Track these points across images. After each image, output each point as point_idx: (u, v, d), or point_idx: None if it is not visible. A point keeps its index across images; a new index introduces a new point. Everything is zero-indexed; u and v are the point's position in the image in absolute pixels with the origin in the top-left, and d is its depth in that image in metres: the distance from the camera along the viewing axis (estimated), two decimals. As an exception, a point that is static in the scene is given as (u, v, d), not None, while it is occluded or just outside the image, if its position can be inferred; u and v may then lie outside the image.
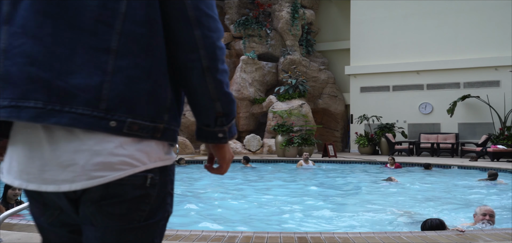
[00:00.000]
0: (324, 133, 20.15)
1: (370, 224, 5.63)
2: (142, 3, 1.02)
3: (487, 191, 8.28)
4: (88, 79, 0.97)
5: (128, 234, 1.05)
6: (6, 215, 3.35)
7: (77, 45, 0.98)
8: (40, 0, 1.00)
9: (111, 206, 1.02)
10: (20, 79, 0.98)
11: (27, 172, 1.02)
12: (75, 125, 0.96)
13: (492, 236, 3.62)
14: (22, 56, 0.99)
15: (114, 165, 0.99)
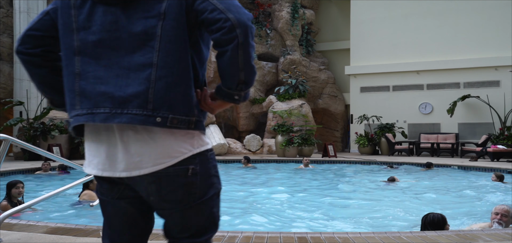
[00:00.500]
0: (324, 133, 20.15)
1: (370, 224, 5.63)
2: (173, 26, 1.34)
3: (489, 191, 8.28)
4: (138, 88, 1.32)
5: (195, 211, 1.42)
6: (6, 215, 3.35)
7: (130, 64, 1.34)
8: (102, 37, 1.37)
9: (168, 191, 1.38)
10: (93, 94, 1.36)
11: (103, 163, 1.39)
12: (132, 122, 1.31)
13: (492, 236, 3.61)
14: (93, 78, 1.36)
15: (165, 154, 1.34)
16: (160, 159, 1.34)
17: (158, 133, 1.34)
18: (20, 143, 3.47)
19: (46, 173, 10.10)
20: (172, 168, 1.35)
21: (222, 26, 1.30)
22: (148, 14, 1.35)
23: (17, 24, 14.73)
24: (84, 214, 5.94)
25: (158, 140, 1.34)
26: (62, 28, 1.43)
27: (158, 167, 1.34)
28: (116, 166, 1.37)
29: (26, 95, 14.37)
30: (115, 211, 1.49)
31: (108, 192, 1.47)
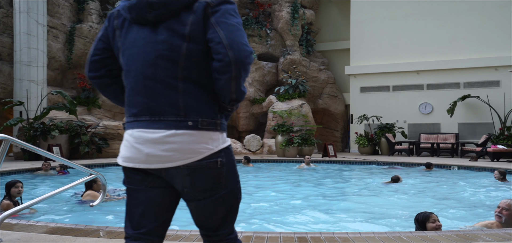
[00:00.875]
0: (324, 133, 20.14)
1: (370, 224, 5.63)
2: (196, 46, 1.59)
3: (491, 190, 8.27)
4: (169, 98, 1.59)
5: (220, 202, 1.66)
6: (6, 215, 3.34)
7: (159, 78, 1.60)
8: (133, 52, 1.64)
9: (201, 180, 1.62)
10: (135, 105, 1.65)
11: (133, 158, 1.64)
12: (168, 128, 1.58)
13: (492, 236, 3.61)
14: (133, 89, 1.65)
15: (196, 150, 1.58)
16: (192, 154, 1.58)
17: (190, 133, 1.59)
18: (20, 143, 3.47)
19: (47, 173, 10.10)
20: (205, 161, 1.60)
21: (222, 59, 1.54)
22: (174, 36, 1.59)
23: (17, 24, 14.72)
24: (84, 214, 5.94)
25: (190, 140, 1.59)
26: (114, 48, 1.73)
27: (190, 160, 1.58)
28: (149, 159, 1.63)
29: (26, 95, 14.37)
30: (145, 199, 1.68)
31: (141, 182, 1.68)
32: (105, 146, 14.70)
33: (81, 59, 17.67)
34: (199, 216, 1.71)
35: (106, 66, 1.76)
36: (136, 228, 1.68)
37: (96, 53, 1.76)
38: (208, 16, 1.58)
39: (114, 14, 1.73)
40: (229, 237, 1.73)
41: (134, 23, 1.65)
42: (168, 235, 3.57)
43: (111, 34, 1.72)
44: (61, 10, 17.44)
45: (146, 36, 1.62)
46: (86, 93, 17.30)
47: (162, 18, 1.61)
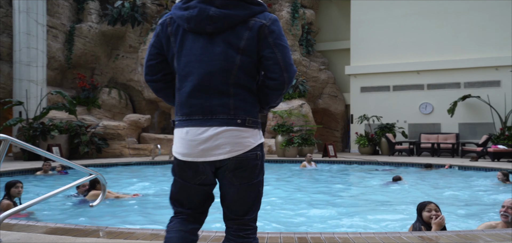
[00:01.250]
0: (324, 133, 20.14)
1: (370, 224, 5.62)
2: (248, 60, 1.82)
3: (491, 191, 8.26)
4: (221, 100, 1.81)
5: (252, 188, 1.90)
6: (6, 215, 3.33)
7: (213, 82, 1.80)
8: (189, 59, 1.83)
9: (242, 171, 1.85)
10: (187, 105, 1.85)
11: (188, 152, 1.84)
12: (219, 125, 1.79)
13: (493, 236, 3.61)
14: (185, 93, 1.85)
15: (245, 144, 1.82)
16: (240, 147, 1.81)
17: (238, 130, 1.82)
18: (20, 143, 3.46)
19: (47, 173, 10.08)
20: (249, 153, 1.83)
21: (277, 79, 1.83)
22: (230, 47, 1.80)
23: (17, 24, 14.71)
24: (83, 214, 5.93)
25: (238, 136, 1.82)
26: (167, 54, 1.91)
27: (238, 152, 1.81)
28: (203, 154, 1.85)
29: (25, 95, 14.37)
30: (193, 192, 1.94)
31: (191, 179, 1.92)
32: (105, 146, 14.69)
33: (81, 59, 17.66)
34: (232, 200, 1.91)
35: (161, 70, 1.94)
36: (188, 208, 1.96)
37: (150, 58, 1.93)
38: (264, 36, 1.80)
39: (166, 22, 1.89)
40: (252, 224, 1.94)
41: (190, 32, 1.83)
42: (168, 235, 3.56)
43: (165, 40, 1.89)
44: (61, 10, 17.43)
45: (203, 46, 1.81)
46: (86, 93, 17.29)
47: (219, 31, 1.79)
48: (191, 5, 1.82)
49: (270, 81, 1.84)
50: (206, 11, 1.78)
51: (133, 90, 18.41)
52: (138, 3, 18.00)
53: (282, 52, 1.81)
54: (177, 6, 1.87)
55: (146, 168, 12.52)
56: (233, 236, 1.94)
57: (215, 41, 1.80)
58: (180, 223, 1.93)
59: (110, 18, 17.69)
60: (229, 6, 1.79)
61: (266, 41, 1.80)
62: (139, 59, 17.72)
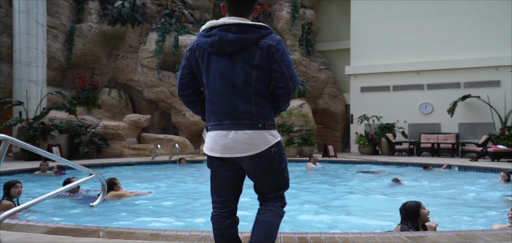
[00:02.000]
0: (324, 133, 20.13)
1: (370, 224, 5.62)
2: (261, 73, 2.28)
3: (492, 191, 8.26)
4: (246, 108, 2.27)
5: (276, 176, 2.40)
6: (6, 215, 3.34)
7: (236, 93, 2.27)
8: (215, 76, 2.29)
9: (261, 164, 2.32)
10: (218, 113, 2.31)
11: (219, 149, 2.31)
12: (245, 129, 2.27)
13: (493, 236, 3.61)
14: (217, 102, 2.31)
15: (264, 143, 2.29)
16: (259, 146, 2.29)
17: (258, 132, 2.29)
18: (20, 143, 3.46)
19: (45, 173, 10.09)
20: (264, 151, 2.30)
21: (284, 87, 2.29)
22: (247, 64, 2.26)
23: (17, 24, 14.71)
24: (84, 214, 5.93)
25: (258, 136, 2.29)
26: (197, 73, 2.38)
27: (257, 151, 2.29)
28: (230, 150, 2.31)
29: (25, 95, 14.36)
30: (223, 177, 2.40)
31: (219, 166, 2.38)
32: (105, 146, 14.69)
33: (81, 59, 17.66)
34: (259, 186, 2.44)
35: (191, 87, 2.41)
36: (219, 196, 2.42)
37: (183, 77, 2.40)
38: (272, 53, 2.27)
39: (194, 47, 2.36)
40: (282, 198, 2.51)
41: (213, 54, 2.29)
42: (168, 235, 3.57)
43: (194, 62, 2.36)
44: (61, 10, 17.43)
45: (226, 65, 2.27)
46: (86, 93, 17.29)
47: (236, 51, 2.26)
48: (213, 33, 2.29)
49: (278, 90, 2.31)
50: (225, 37, 2.25)
51: (133, 90, 18.41)
52: (138, 3, 18.00)
53: (287, 66, 2.28)
54: (201, 34, 2.35)
55: (146, 168, 12.52)
56: (265, 202, 2.45)
57: (235, 60, 2.27)
58: (218, 221, 2.41)
59: (110, 18, 17.69)
60: (242, 31, 2.26)
61: (274, 57, 2.27)
62: (139, 59, 17.72)
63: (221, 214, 2.40)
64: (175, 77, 17.06)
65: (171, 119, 18.01)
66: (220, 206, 2.41)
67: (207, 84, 2.33)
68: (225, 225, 2.40)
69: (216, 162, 2.37)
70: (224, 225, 2.40)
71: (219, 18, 2.35)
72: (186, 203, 7.10)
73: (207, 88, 2.33)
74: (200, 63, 2.34)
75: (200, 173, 11.80)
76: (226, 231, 2.40)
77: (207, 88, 2.33)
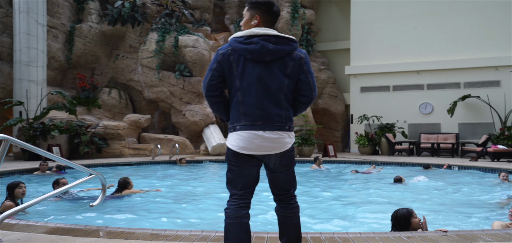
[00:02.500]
0: (324, 133, 20.14)
1: (370, 224, 5.62)
2: (291, 82, 2.58)
3: (492, 191, 8.26)
4: (277, 111, 2.54)
5: (292, 172, 2.71)
6: (6, 215, 3.34)
7: (270, 98, 2.53)
8: (251, 81, 2.51)
9: (285, 161, 2.62)
10: (251, 114, 2.53)
11: (250, 147, 2.54)
12: (276, 130, 2.54)
13: (492, 236, 3.61)
14: (250, 104, 2.52)
15: (289, 142, 2.60)
16: (285, 145, 2.59)
17: (286, 133, 2.59)
18: (20, 143, 3.46)
19: (44, 173, 10.09)
20: (289, 149, 2.62)
21: (308, 95, 2.63)
22: (280, 72, 2.54)
23: (17, 24, 14.71)
24: (83, 214, 5.93)
25: (286, 136, 2.59)
26: (228, 76, 2.55)
27: (284, 149, 2.59)
28: (260, 149, 2.56)
29: (25, 95, 14.36)
30: (249, 173, 2.63)
31: (246, 163, 2.61)
32: (105, 146, 14.69)
33: (81, 59, 17.66)
34: (280, 182, 2.69)
35: (219, 88, 2.59)
36: (241, 189, 2.63)
37: (213, 79, 2.56)
38: (301, 65, 2.57)
39: (228, 52, 2.54)
40: (294, 197, 2.76)
41: (250, 60, 2.51)
42: (168, 235, 3.57)
43: (227, 66, 2.53)
44: (61, 10, 17.43)
45: (262, 71, 2.51)
46: (86, 93, 17.29)
47: (273, 60, 2.52)
48: (254, 41, 2.51)
49: (302, 98, 2.63)
50: (267, 46, 2.50)
51: (133, 90, 18.41)
52: (138, 3, 18.01)
53: (311, 77, 2.62)
54: (238, 40, 2.54)
55: (146, 168, 12.52)
56: (287, 204, 2.72)
57: (271, 68, 2.53)
58: (236, 210, 2.60)
59: (110, 18, 17.68)
60: (280, 43, 2.54)
61: (303, 69, 2.58)
62: (139, 59, 17.72)
63: (240, 205, 2.61)
64: (175, 78, 17.07)
65: (171, 119, 18.02)
66: (240, 198, 2.62)
67: (240, 88, 2.52)
68: (241, 214, 2.60)
69: (243, 158, 2.58)
70: (241, 215, 2.59)
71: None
72: (186, 203, 7.10)
73: (240, 91, 2.52)
74: (234, 67, 2.52)
75: (200, 173, 11.81)
76: (241, 220, 2.59)
77: (240, 91, 2.52)
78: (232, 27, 19.65)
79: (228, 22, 20.10)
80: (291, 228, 2.71)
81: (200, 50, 16.94)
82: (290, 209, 2.71)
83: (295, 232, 2.72)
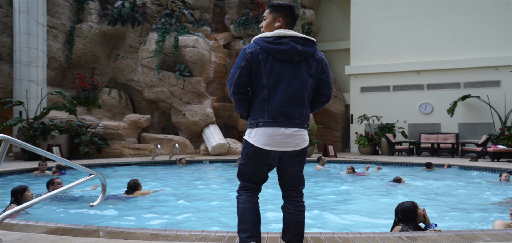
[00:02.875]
0: (324, 133, 20.14)
1: (370, 224, 5.62)
2: (314, 81, 2.76)
3: (492, 191, 8.26)
4: (299, 110, 2.72)
5: (303, 169, 2.86)
6: (6, 215, 3.34)
7: (295, 97, 2.68)
8: (278, 80, 2.66)
9: (301, 157, 2.80)
10: (275, 111, 2.67)
11: (273, 144, 2.69)
12: (297, 127, 2.72)
13: (493, 236, 3.61)
14: (275, 103, 2.66)
15: (306, 139, 2.78)
16: (304, 142, 2.77)
17: (304, 131, 2.76)
18: (20, 143, 3.46)
19: (43, 173, 10.09)
20: (306, 146, 2.79)
21: (327, 94, 2.84)
22: (306, 72, 2.71)
23: (17, 24, 14.71)
24: (83, 214, 5.93)
25: (304, 134, 2.77)
26: (255, 74, 2.67)
27: (303, 146, 2.77)
28: (281, 145, 2.70)
29: (25, 95, 14.36)
30: (265, 168, 2.81)
31: (264, 160, 2.76)
32: (105, 146, 14.69)
33: (81, 59, 17.66)
34: (291, 176, 2.82)
35: (245, 86, 2.71)
36: (254, 182, 2.84)
37: (241, 76, 2.67)
38: (323, 66, 2.76)
39: (257, 51, 2.66)
40: (302, 195, 2.90)
41: (279, 60, 2.65)
42: (168, 235, 3.57)
43: (255, 65, 2.65)
44: (61, 10, 17.43)
45: (289, 70, 2.67)
46: (86, 93, 17.29)
47: (300, 60, 2.68)
48: (284, 42, 2.65)
49: (322, 97, 2.82)
50: (296, 47, 2.66)
51: (133, 90, 18.41)
52: (138, 3, 18.00)
53: (330, 78, 2.82)
54: (267, 40, 2.66)
55: (146, 168, 12.52)
56: (294, 200, 2.85)
57: (298, 68, 2.68)
58: (249, 196, 2.82)
59: (110, 18, 17.68)
60: (307, 44, 2.71)
61: (324, 69, 2.77)
62: (139, 59, 17.72)
63: (254, 192, 2.85)
64: (175, 78, 17.06)
65: (171, 119, 18.01)
66: (254, 187, 2.86)
67: (267, 85, 2.66)
68: (255, 200, 2.85)
69: (262, 156, 2.73)
70: (255, 200, 2.84)
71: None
72: (186, 203, 7.10)
73: (267, 89, 2.66)
74: (262, 66, 2.65)
75: (200, 173, 11.81)
76: (255, 205, 2.84)
77: (267, 89, 2.66)
78: (232, 27, 19.64)
79: (228, 22, 20.09)
80: (295, 226, 2.81)
81: (200, 50, 16.93)
82: (297, 206, 2.83)
83: (298, 231, 2.81)
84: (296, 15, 2.79)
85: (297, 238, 2.81)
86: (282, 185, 2.88)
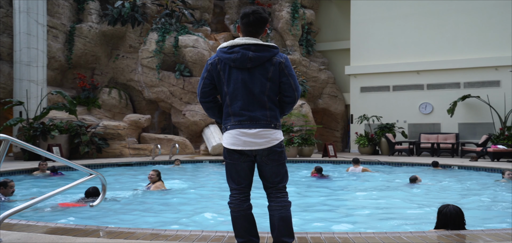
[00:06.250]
0: (324, 133, 20.14)
1: (370, 224, 5.62)
2: (273, 85, 2.82)
3: (497, 191, 8.25)
4: (261, 112, 2.81)
5: (281, 166, 2.91)
6: (6, 215, 3.34)
7: (254, 100, 2.80)
8: (237, 86, 2.79)
9: (273, 156, 2.85)
10: (239, 115, 2.80)
11: (238, 143, 2.80)
12: (261, 127, 2.80)
13: (492, 236, 3.61)
14: (238, 106, 2.80)
15: (275, 139, 2.84)
16: (271, 141, 2.82)
17: (272, 130, 2.83)
18: (20, 143, 3.46)
19: (44, 173, 10.08)
20: (276, 145, 2.84)
21: (291, 96, 2.86)
22: (262, 77, 2.79)
23: (17, 24, 14.71)
24: (83, 214, 5.93)
25: (272, 134, 2.83)
26: (218, 83, 2.85)
27: (270, 145, 2.82)
28: (248, 145, 2.81)
29: (26, 95, 14.36)
30: (241, 168, 2.87)
31: (238, 159, 2.86)
32: (105, 146, 14.69)
33: (81, 59, 17.66)
34: (269, 174, 2.89)
35: (211, 95, 2.89)
36: (237, 184, 2.89)
37: (205, 86, 2.87)
38: (282, 69, 2.81)
39: (216, 62, 2.83)
40: (284, 189, 2.97)
41: (234, 68, 2.78)
42: (168, 235, 3.57)
43: (216, 74, 2.83)
44: (61, 10, 17.43)
45: (245, 77, 2.78)
46: (86, 93, 17.29)
47: (254, 66, 2.77)
48: (235, 51, 2.78)
49: (286, 98, 2.87)
50: (246, 54, 2.76)
51: (133, 90, 18.41)
52: (138, 3, 18.00)
53: (293, 79, 2.85)
54: (223, 51, 2.82)
55: (146, 168, 12.52)
56: (275, 197, 2.93)
57: (253, 73, 2.78)
58: (238, 204, 2.89)
59: (110, 18, 17.68)
60: (260, 50, 2.79)
61: (284, 72, 2.82)
62: (139, 59, 17.72)
63: (240, 198, 2.89)
64: (175, 78, 17.09)
65: (171, 119, 18.02)
66: (239, 192, 2.90)
67: (228, 92, 2.81)
68: (244, 207, 2.89)
69: (235, 155, 2.84)
70: (243, 207, 2.89)
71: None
72: (186, 203, 7.10)
73: (228, 96, 2.81)
74: (221, 75, 2.81)
75: (200, 173, 11.81)
76: (245, 212, 2.90)
77: (228, 95, 2.81)
78: (232, 27, 19.64)
79: (228, 22, 20.09)
80: (279, 222, 2.89)
81: (200, 50, 16.93)
82: (279, 202, 2.91)
83: (284, 226, 2.89)
84: (252, 22, 2.85)
85: (284, 233, 2.89)
86: (263, 184, 2.96)
